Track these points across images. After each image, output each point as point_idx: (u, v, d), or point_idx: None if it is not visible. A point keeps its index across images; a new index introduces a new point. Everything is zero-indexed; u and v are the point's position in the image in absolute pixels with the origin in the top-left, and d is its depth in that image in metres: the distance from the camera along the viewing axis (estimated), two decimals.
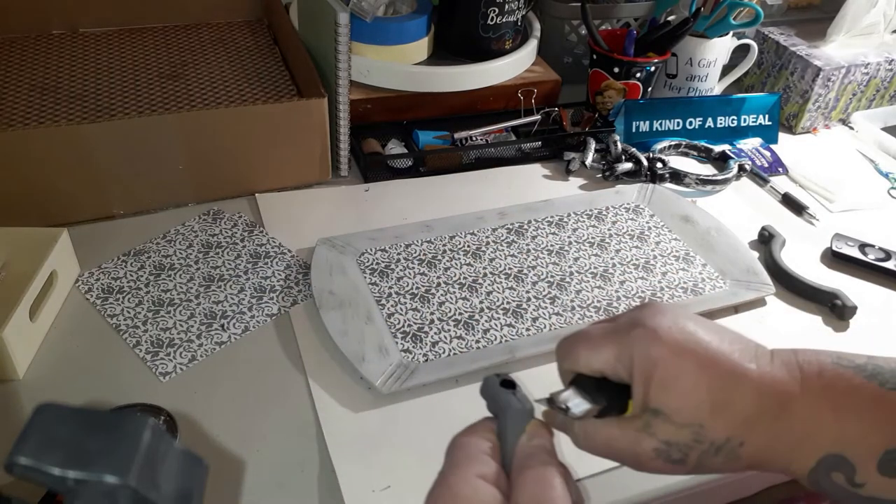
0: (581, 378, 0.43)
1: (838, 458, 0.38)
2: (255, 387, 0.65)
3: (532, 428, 0.39)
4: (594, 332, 0.43)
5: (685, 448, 0.40)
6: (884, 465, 0.37)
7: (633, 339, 0.40)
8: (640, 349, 0.40)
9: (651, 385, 0.40)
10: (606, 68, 1.02)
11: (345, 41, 0.81)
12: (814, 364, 0.40)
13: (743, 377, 0.39)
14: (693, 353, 0.39)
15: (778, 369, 0.40)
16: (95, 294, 0.72)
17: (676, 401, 0.39)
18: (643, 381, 0.40)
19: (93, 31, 1.07)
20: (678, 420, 0.39)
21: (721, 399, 0.39)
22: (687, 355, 0.39)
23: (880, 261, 0.84)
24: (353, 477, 0.58)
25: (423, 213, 0.87)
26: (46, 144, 0.74)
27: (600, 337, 0.42)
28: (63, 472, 0.28)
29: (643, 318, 0.41)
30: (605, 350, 0.41)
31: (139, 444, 0.30)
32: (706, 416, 0.39)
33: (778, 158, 1.04)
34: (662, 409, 0.39)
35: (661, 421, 0.40)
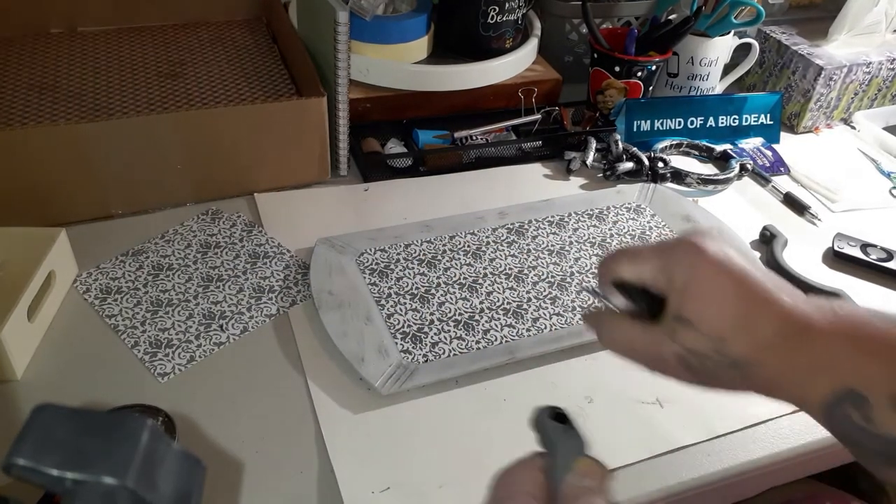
0: (621, 284, 0.45)
1: (853, 392, 0.38)
2: (253, 388, 0.65)
3: (582, 467, 0.38)
4: (642, 247, 0.45)
5: (703, 358, 0.42)
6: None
7: (677, 251, 0.43)
8: (682, 260, 0.42)
9: (685, 294, 0.42)
10: (607, 67, 1.02)
11: (344, 40, 0.81)
12: (848, 311, 0.41)
13: (773, 304, 0.40)
14: (730, 274, 0.41)
15: (810, 306, 0.41)
16: (94, 294, 0.72)
17: (705, 311, 0.41)
18: (678, 291, 0.42)
19: (91, 30, 1.07)
20: (703, 329, 0.41)
21: (746, 319, 0.40)
22: (725, 273, 0.41)
23: (882, 261, 0.84)
24: (353, 478, 0.58)
25: (423, 212, 0.86)
26: (45, 144, 0.74)
27: (648, 250, 0.44)
28: (61, 472, 0.28)
29: (691, 237, 0.43)
30: (650, 261, 0.44)
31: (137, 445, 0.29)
32: (729, 330, 0.41)
33: (779, 158, 1.03)
34: (690, 318, 0.41)
35: (687, 328, 0.42)
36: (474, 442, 0.62)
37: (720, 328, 0.41)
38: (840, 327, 0.40)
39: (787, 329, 0.40)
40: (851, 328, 0.39)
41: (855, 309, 0.41)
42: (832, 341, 0.39)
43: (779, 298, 0.41)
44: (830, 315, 0.40)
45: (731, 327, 0.41)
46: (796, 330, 0.40)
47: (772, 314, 0.40)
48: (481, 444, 0.62)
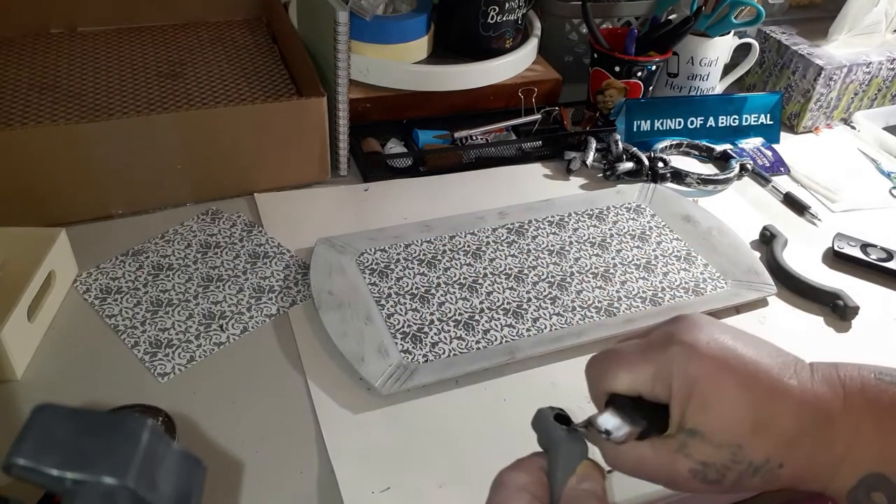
0: (617, 398, 0.41)
1: (880, 477, 0.37)
2: (253, 388, 0.65)
3: (583, 469, 0.38)
4: (628, 351, 0.41)
5: (722, 469, 0.39)
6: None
7: (670, 356, 0.39)
8: (679, 368, 0.39)
9: (689, 405, 0.38)
10: (607, 67, 1.02)
11: (344, 40, 0.81)
12: (856, 379, 0.38)
13: (784, 395, 0.38)
14: (733, 371, 0.38)
15: (819, 385, 0.38)
16: (94, 294, 0.72)
17: (715, 421, 0.38)
18: (681, 400, 0.39)
19: (91, 29, 1.07)
20: (716, 441, 0.38)
21: (762, 419, 0.38)
22: (726, 373, 0.38)
23: (882, 261, 0.84)
24: (353, 478, 0.58)
25: (423, 212, 0.86)
26: (45, 144, 0.74)
27: (635, 355, 0.41)
28: (61, 472, 0.28)
29: (679, 334, 0.40)
30: (642, 369, 0.40)
31: (138, 445, 0.29)
32: (746, 436, 0.38)
33: (780, 158, 1.03)
34: (700, 430, 0.38)
35: (698, 441, 0.38)
36: (474, 442, 0.62)
37: (735, 435, 0.38)
38: (857, 405, 0.37)
39: (805, 422, 0.38)
40: (869, 404, 0.37)
41: (861, 373, 0.39)
42: (852, 425, 0.37)
43: (788, 387, 0.38)
44: (841, 390, 0.38)
45: (747, 432, 0.38)
46: (815, 420, 0.38)
47: (786, 407, 0.38)
48: (481, 444, 0.62)
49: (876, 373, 0.39)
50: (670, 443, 0.39)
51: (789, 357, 0.40)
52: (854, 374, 0.39)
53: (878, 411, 0.37)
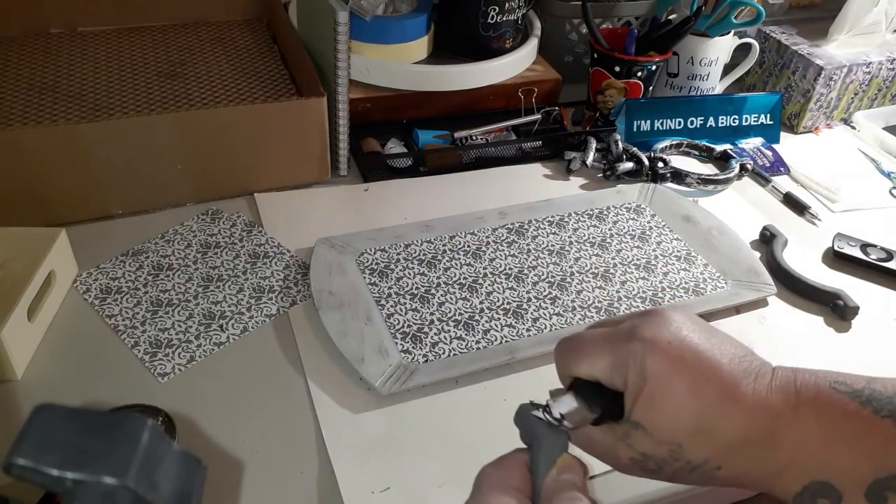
0: (579, 382, 0.42)
1: (825, 484, 0.37)
2: (253, 388, 0.65)
3: (563, 462, 0.38)
4: (593, 339, 0.42)
5: (661, 462, 0.40)
6: (871, 494, 0.36)
7: (629, 350, 0.40)
8: (635, 362, 0.40)
9: (639, 399, 0.39)
10: (607, 67, 1.02)
11: (344, 40, 0.81)
12: (811, 388, 0.39)
13: (734, 403, 0.38)
14: (687, 373, 0.39)
15: (774, 394, 0.39)
16: (94, 294, 0.72)
17: (659, 419, 0.39)
18: (633, 393, 0.40)
19: (91, 29, 1.07)
20: (657, 437, 0.39)
21: (705, 424, 0.38)
22: (679, 374, 0.39)
23: (882, 261, 0.84)
24: (353, 478, 0.58)
25: (423, 212, 0.86)
26: (44, 144, 0.74)
27: (598, 345, 0.42)
28: (61, 472, 0.28)
29: (642, 329, 0.40)
30: (602, 359, 0.41)
31: (138, 445, 0.29)
32: (686, 437, 0.39)
33: (779, 158, 1.03)
34: (644, 424, 0.39)
35: (641, 434, 0.40)
36: (474, 442, 0.62)
37: (676, 435, 0.39)
38: (806, 415, 0.38)
39: (751, 430, 0.38)
40: (819, 413, 0.38)
41: (818, 381, 0.39)
42: (799, 434, 0.38)
43: (740, 394, 0.38)
44: (794, 398, 0.39)
45: (688, 434, 0.39)
46: (761, 429, 0.38)
47: (734, 415, 0.38)
48: (481, 444, 0.62)
49: (832, 381, 0.39)
50: (616, 430, 0.41)
51: (754, 363, 0.40)
52: (810, 383, 0.39)
53: (826, 421, 0.38)
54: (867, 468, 0.36)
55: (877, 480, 0.36)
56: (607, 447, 0.41)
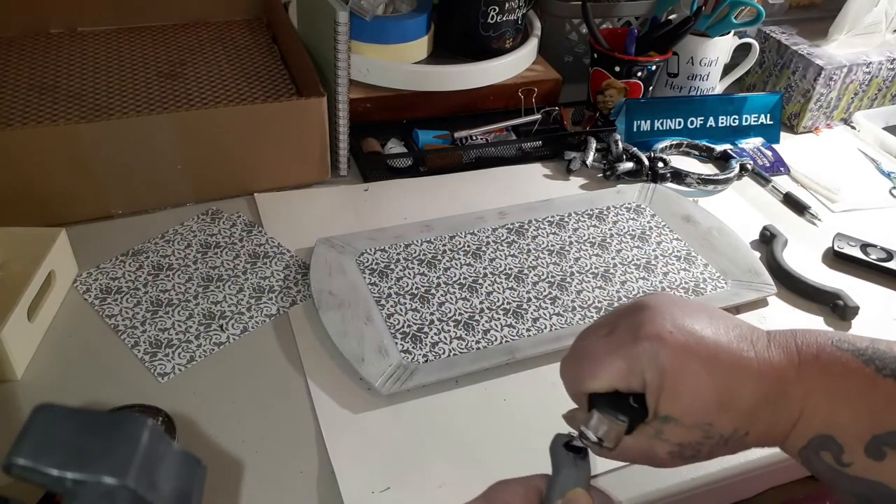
0: (596, 397, 0.43)
1: (828, 438, 0.39)
2: (253, 388, 0.65)
3: (571, 494, 0.40)
4: (597, 351, 0.43)
5: (697, 445, 0.42)
6: (871, 449, 0.38)
7: (640, 352, 0.41)
8: (649, 361, 0.41)
9: (662, 394, 0.41)
10: (607, 67, 1.02)
11: (344, 40, 0.81)
12: (812, 346, 0.41)
13: (744, 370, 0.40)
14: (696, 356, 0.40)
15: (775, 353, 0.41)
16: (94, 294, 0.72)
17: (686, 405, 0.40)
18: (655, 390, 0.41)
19: (91, 29, 1.07)
20: (688, 423, 0.41)
21: (726, 396, 0.40)
22: (691, 360, 0.40)
23: (882, 261, 0.84)
24: (353, 478, 0.58)
25: (423, 212, 0.86)
26: (44, 144, 0.74)
27: (607, 355, 0.42)
28: (61, 473, 0.28)
29: (644, 327, 0.42)
30: (615, 368, 0.42)
31: (138, 445, 0.29)
32: (713, 414, 0.40)
33: (780, 158, 1.03)
34: (673, 416, 0.41)
35: (673, 426, 0.41)
36: (474, 442, 0.62)
37: (705, 415, 0.40)
38: (810, 372, 0.40)
39: (764, 391, 0.40)
40: (821, 370, 0.40)
41: (818, 339, 0.41)
42: (805, 391, 0.40)
43: (748, 361, 0.40)
44: (796, 356, 0.40)
45: (714, 410, 0.40)
46: (772, 389, 0.40)
47: (747, 382, 0.40)
48: (481, 444, 0.62)
49: (834, 339, 0.41)
50: (647, 430, 0.42)
51: (744, 327, 0.42)
52: (811, 341, 0.41)
53: (829, 378, 0.40)
54: (867, 424, 0.38)
55: (876, 436, 0.38)
56: (644, 449, 0.42)
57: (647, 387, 0.41)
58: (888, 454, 0.38)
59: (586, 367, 0.43)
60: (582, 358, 0.43)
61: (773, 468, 0.64)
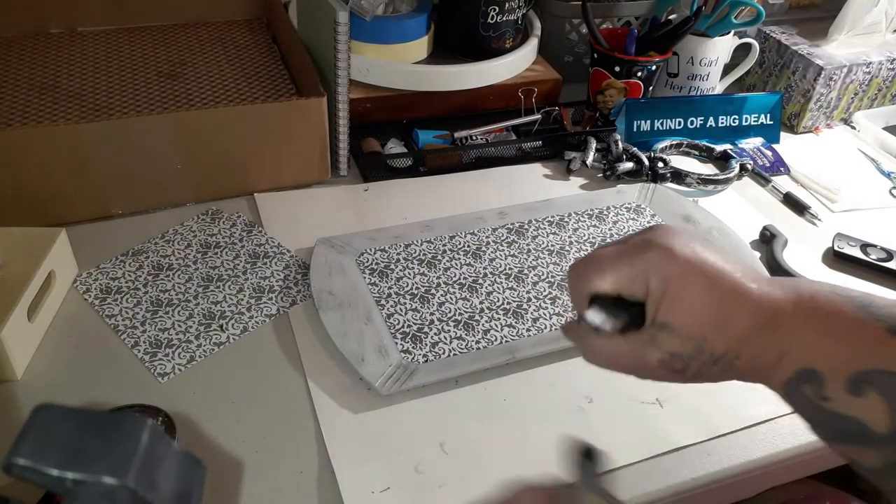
0: (597, 298, 0.45)
1: (811, 371, 0.40)
2: (253, 388, 0.65)
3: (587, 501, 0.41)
4: (609, 254, 0.45)
5: (687, 359, 0.43)
6: (851, 385, 0.39)
7: (648, 259, 0.43)
8: (655, 268, 0.43)
9: (663, 301, 0.42)
10: (607, 67, 1.02)
11: (344, 40, 0.81)
12: (808, 289, 0.42)
13: (744, 295, 0.42)
14: (702, 272, 0.42)
15: (776, 290, 0.42)
16: (94, 294, 0.72)
17: (684, 316, 0.42)
18: (656, 297, 0.43)
19: (91, 29, 1.07)
20: (684, 333, 0.42)
21: (723, 315, 0.42)
22: (696, 274, 0.42)
23: (882, 261, 0.84)
24: (353, 478, 0.58)
25: (423, 212, 0.86)
26: (44, 144, 0.74)
27: (616, 258, 0.44)
28: (61, 472, 0.28)
29: (656, 238, 0.44)
30: (622, 270, 0.44)
31: (137, 445, 0.29)
32: (709, 330, 0.42)
33: (780, 158, 1.03)
34: (670, 323, 0.42)
35: (668, 334, 0.43)
36: (474, 442, 0.62)
37: (700, 329, 0.42)
38: (803, 309, 0.41)
39: (759, 320, 0.41)
40: (814, 308, 0.41)
41: (814, 286, 0.42)
42: (796, 325, 0.41)
43: (749, 289, 0.42)
44: (794, 295, 0.42)
45: (710, 326, 0.42)
46: (767, 319, 0.41)
47: (745, 307, 0.41)
48: (481, 444, 0.62)
49: (832, 287, 0.42)
50: (643, 336, 0.44)
51: (750, 267, 0.44)
52: (808, 286, 0.43)
53: (820, 315, 0.41)
54: (850, 360, 0.39)
55: (857, 371, 0.39)
56: (637, 355, 0.44)
57: (650, 293, 0.43)
58: (867, 392, 0.38)
59: (594, 268, 0.45)
60: (592, 260, 0.45)
61: (773, 468, 0.64)
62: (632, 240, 0.45)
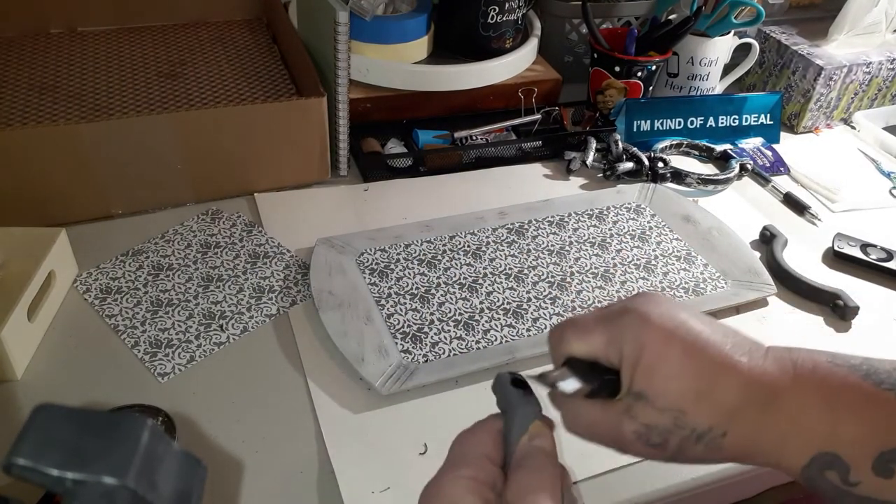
0: (574, 361, 0.43)
1: (832, 456, 0.38)
2: (253, 388, 0.65)
3: (535, 429, 0.39)
4: (586, 318, 0.43)
5: (665, 433, 0.40)
6: (879, 467, 0.37)
7: (623, 324, 0.41)
8: (630, 334, 0.40)
9: (637, 369, 0.40)
10: (607, 67, 1.02)
11: (344, 40, 0.81)
12: (808, 361, 0.39)
13: (731, 368, 0.39)
14: (681, 341, 0.39)
15: (770, 364, 0.39)
16: (94, 294, 0.72)
17: (660, 385, 0.39)
18: (630, 364, 0.40)
19: (91, 29, 1.07)
20: (660, 405, 0.39)
21: (705, 387, 0.39)
22: (675, 342, 0.39)
23: (882, 261, 0.84)
24: (353, 478, 0.58)
25: (423, 212, 0.86)
26: (44, 144, 0.74)
27: (591, 322, 0.42)
28: (61, 473, 0.28)
29: (635, 305, 0.41)
30: (597, 334, 0.42)
31: (137, 445, 0.29)
32: (689, 403, 0.39)
33: (779, 158, 1.03)
34: (645, 393, 0.40)
35: (643, 404, 0.40)
36: None
37: (678, 401, 0.39)
38: (806, 384, 0.38)
39: (750, 394, 0.39)
40: (819, 384, 0.38)
41: (814, 356, 0.40)
42: (801, 403, 0.38)
43: (736, 362, 0.39)
44: (791, 369, 0.39)
45: (690, 398, 0.39)
46: (761, 393, 0.39)
47: (732, 380, 0.39)
48: None
49: (829, 357, 0.40)
50: (618, 405, 0.41)
51: (746, 339, 0.41)
52: (806, 357, 0.40)
53: (828, 391, 0.38)
54: (873, 440, 0.37)
55: (883, 453, 0.36)
56: (610, 425, 0.41)
57: (624, 359, 0.40)
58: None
59: (571, 330, 0.43)
60: (571, 323, 0.43)
61: None
62: (614, 305, 0.43)
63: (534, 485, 0.36)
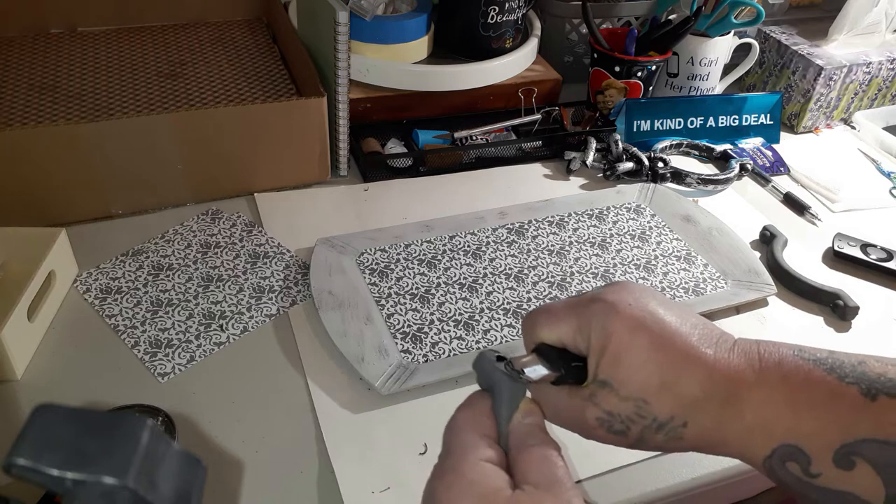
0: (543, 347, 0.43)
1: (794, 448, 0.38)
2: (253, 388, 0.65)
3: (525, 406, 0.41)
4: (557, 306, 0.44)
5: (627, 421, 0.40)
6: (839, 459, 0.37)
7: (591, 312, 0.41)
8: (598, 322, 0.41)
9: (603, 357, 0.40)
10: (607, 67, 1.02)
11: (344, 40, 0.81)
12: (774, 354, 0.40)
13: (695, 360, 0.39)
14: (648, 331, 0.40)
15: (736, 357, 0.40)
16: (94, 294, 0.72)
17: (624, 374, 0.40)
18: (597, 352, 0.41)
19: (91, 30, 1.07)
20: (623, 393, 0.40)
21: (669, 379, 0.39)
22: (641, 332, 0.40)
23: (882, 261, 0.84)
24: (353, 478, 0.58)
25: (423, 212, 0.86)
26: (45, 144, 0.74)
27: (562, 309, 0.43)
28: (61, 472, 0.28)
29: (605, 294, 0.42)
30: (566, 322, 0.42)
31: (137, 445, 0.29)
32: (651, 393, 0.40)
33: (780, 158, 1.03)
34: (610, 381, 0.40)
35: (607, 392, 0.40)
36: None
37: (640, 389, 0.40)
38: (771, 379, 0.39)
39: (712, 386, 0.39)
40: (783, 378, 0.39)
41: (780, 350, 0.40)
42: (765, 397, 0.39)
43: (702, 354, 0.39)
44: (758, 363, 0.40)
45: (652, 388, 0.39)
46: (723, 386, 0.39)
47: (695, 371, 0.39)
48: None
49: (796, 350, 0.40)
50: (583, 392, 0.42)
51: (715, 330, 0.42)
52: (773, 350, 0.40)
53: (791, 385, 0.39)
54: (835, 433, 0.37)
55: (844, 445, 0.37)
56: (574, 411, 0.42)
57: (591, 348, 0.41)
58: (857, 463, 0.37)
59: (542, 317, 0.43)
60: (542, 310, 0.44)
61: None
62: (586, 293, 0.44)
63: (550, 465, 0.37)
